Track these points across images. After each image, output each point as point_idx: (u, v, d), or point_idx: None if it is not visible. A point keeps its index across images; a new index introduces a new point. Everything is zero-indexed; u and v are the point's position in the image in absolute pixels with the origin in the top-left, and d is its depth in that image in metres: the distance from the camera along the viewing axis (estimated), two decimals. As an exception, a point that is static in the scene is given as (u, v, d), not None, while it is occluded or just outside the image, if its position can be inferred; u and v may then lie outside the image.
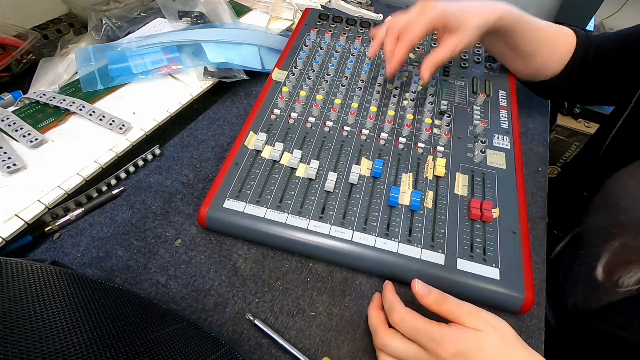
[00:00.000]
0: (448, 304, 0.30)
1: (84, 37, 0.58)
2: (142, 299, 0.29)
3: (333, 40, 0.58)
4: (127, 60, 0.52)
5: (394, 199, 0.39)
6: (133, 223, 0.40)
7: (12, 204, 0.37)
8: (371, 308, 0.34)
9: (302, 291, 0.37)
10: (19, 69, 0.52)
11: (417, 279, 0.32)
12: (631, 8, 1.80)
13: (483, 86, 0.53)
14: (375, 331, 0.32)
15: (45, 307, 0.23)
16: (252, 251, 0.39)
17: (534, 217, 0.45)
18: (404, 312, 0.31)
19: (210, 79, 0.53)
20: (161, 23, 0.60)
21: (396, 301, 0.32)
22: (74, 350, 0.20)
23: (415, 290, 0.31)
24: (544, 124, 0.57)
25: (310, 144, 0.44)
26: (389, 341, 0.30)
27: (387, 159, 0.44)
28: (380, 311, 0.33)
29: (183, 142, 0.49)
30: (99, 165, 0.42)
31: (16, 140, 0.42)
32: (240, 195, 0.39)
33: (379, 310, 0.33)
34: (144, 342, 0.24)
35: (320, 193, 0.40)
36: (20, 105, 0.47)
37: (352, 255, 0.37)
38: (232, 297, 0.36)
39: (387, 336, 0.31)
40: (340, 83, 0.51)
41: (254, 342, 0.34)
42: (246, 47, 0.57)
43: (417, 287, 0.31)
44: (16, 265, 0.26)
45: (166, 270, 0.37)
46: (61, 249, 0.38)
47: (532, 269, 0.37)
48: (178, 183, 0.44)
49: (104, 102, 0.49)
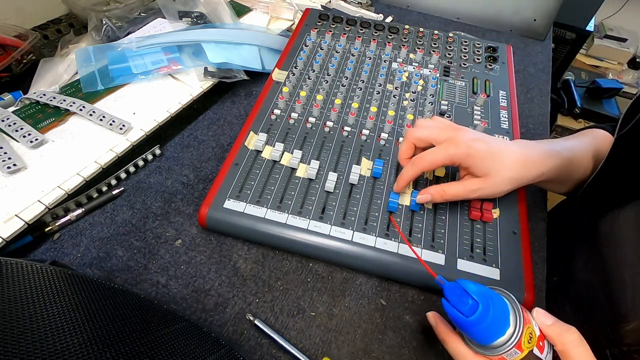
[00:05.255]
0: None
1: (84, 37, 0.58)
2: (142, 299, 0.29)
3: (333, 40, 0.58)
4: (127, 60, 0.52)
5: (393, 204, 0.39)
6: (133, 223, 0.40)
7: (12, 204, 0.37)
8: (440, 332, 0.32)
9: (302, 291, 0.37)
10: (19, 69, 0.52)
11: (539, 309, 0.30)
12: (631, 8, 1.80)
13: (483, 86, 0.53)
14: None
15: (45, 307, 0.23)
16: (252, 251, 0.39)
17: (534, 217, 0.45)
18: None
19: (210, 79, 0.53)
20: (161, 23, 0.60)
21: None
22: (74, 350, 0.20)
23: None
24: (544, 124, 0.57)
25: (310, 144, 0.44)
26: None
27: (387, 159, 0.44)
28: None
29: (183, 142, 0.49)
30: (99, 165, 0.42)
31: (16, 140, 0.42)
32: (240, 195, 0.39)
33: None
34: (144, 342, 0.24)
35: (320, 193, 0.40)
36: (20, 105, 0.47)
37: (352, 255, 0.37)
38: (232, 297, 0.36)
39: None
40: (340, 83, 0.51)
41: (254, 342, 0.34)
42: (246, 47, 0.57)
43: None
44: (16, 265, 0.26)
45: (166, 270, 0.37)
46: (61, 249, 0.38)
47: (532, 269, 0.37)
48: (178, 183, 0.44)
49: (104, 102, 0.49)
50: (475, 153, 0.36)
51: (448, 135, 0.37)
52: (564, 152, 0.40)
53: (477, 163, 0.36)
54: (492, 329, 0.27)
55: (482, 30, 0.76)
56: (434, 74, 0.54)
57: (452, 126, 0.38)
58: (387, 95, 0.51)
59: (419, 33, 0.60)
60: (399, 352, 0.34)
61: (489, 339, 0.27)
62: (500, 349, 0.27)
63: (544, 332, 0.29)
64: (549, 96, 0.62)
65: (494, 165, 0.36)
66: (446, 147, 0.36)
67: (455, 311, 0.28)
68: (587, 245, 0.45)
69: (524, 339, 0.27)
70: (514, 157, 0.37)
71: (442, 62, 0.56)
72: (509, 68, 0.56)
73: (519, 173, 0.37)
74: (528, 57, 0.71)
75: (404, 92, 0.51)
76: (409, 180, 0.38)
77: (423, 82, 0.52)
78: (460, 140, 0.36)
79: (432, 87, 0.51)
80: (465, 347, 0.30)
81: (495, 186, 0.36)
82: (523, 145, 0.39)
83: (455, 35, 0.61)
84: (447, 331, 0.31)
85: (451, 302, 0.28)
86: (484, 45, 0.59)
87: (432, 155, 0.37)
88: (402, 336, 0.35)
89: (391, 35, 0.60)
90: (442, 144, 0.37)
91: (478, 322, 0.27)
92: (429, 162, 0.37)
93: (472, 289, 0.28)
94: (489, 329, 0.27)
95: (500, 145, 0.37)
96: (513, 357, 0.27)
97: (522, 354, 0.27)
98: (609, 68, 1.82)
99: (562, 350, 0.28)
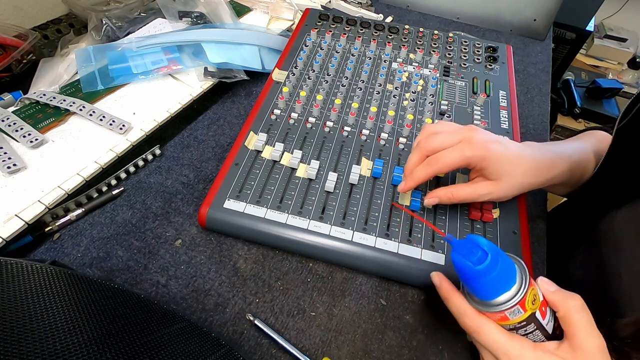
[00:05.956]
0: None
1: (84, 37, 0.58)
2: (142, 299, 0.29)
3: (333, 40, 0.58)
4: (127, 60, 0.52)
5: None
6: (133, 223, 0.40)
7: (12, 204, 0.37)
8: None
9: (302, 291, 0.37)
10: (19, 69, 0.52)
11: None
12: (631, 8, 1.80)
13: (483, 86, 0.53)
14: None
15: (45, 307, 0.23)
16: (252, 251, 0.39)
17: (534, 217, 0.45)
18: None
19: (210, 79, 0.53)
20: (161, 23, 0.60)
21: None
22: (74, 350, 0.20)
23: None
24: (544, 124, 0.58)
25: (310, 144, 0.44)
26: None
27: (387, 159, 0.44)
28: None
29: (183, 142, 0.49)
30: (99, 165, 0.42)
31: (16, 140, 0.42)
32: (240, 195, 0.39)
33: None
34: (143, 342, 0.24)
35: (320, 193, 0.40)
36: (20, 105, 0.47)
37: (352, 255, 0.37)
38: (232, 297, 0.36)
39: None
40: (340, 83, 0.51)
41: (254, 342, 0.34)
42: (246, 47, 0.57)
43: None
44: (16, 265, 0.26)
45: (166, 270, 0.37)
46: (61, 249, 0.38)
47: (532, 268, 0.37)
48: (178, 183, 0.44)
49: (104, 102, 0.49)
50: (492, 156, 0.34)
51: (462, 136, 0.35)
52: (573, 155, 0.40)
53: (492, 166, 0.35)
54: (499, 283, 0.27)
55: (482, 30, 0.76)
56: (434, 74, 0.54)
57: (464, 127, 0.37)
58: (387, 95, 0.51)
59: (419, 33, 0.60)
60: (399, 352, 0.34)
61: (494, 293, 0.27)
62: (504, 306, 0.27)
63: (547, 298, 0.29)
64: (549, 96, 0.63)
65: (510, 169, 0.35)
66: (462, 148, 0.35)
67: (464, 260, 0.27)
68: (585, 245, 0.45)
69: (528, 298, 0.27)
70: (529, 163, 0.36)
71: (442, 62, 0.56)
72: (509, 68, 0.56)
73: (532, 179, 0.36)
74: (528, 57, 0.71)
75: (404, 92, 0.51)
76: (421, 181, 0.36)
77: (423, 82, 0.52)
78: (477, 142, 0.35)
79: (432, 87, 0.51)
80: (468, 305, 0.29)
81: (507, 191, 0.36)
82: (534, 149, 0.38)
83: (455, 35, 0.61)
84: (451, 289, 0.31)
85: (461, 254, 0.28)
86: (484, 45, 0.59)
87: (447, 156, 0.35)
88: (402, 336, 0.35)
89: (391, 35, 0.60)
90: (457, 145, 0.35)
91: (486, 272, 0.26)
92: (444, 163, 0.35)
93: (483, 242, 0.27)
94: (496, 282, 0.27)
95: (515, 149, 0.36)
96: (515, 317, 0.27)
97: (525, 314, 0.27)
98: (609, 68, 1.83)
99: (564, 315, 0.28)
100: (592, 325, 0.28)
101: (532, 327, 0.28)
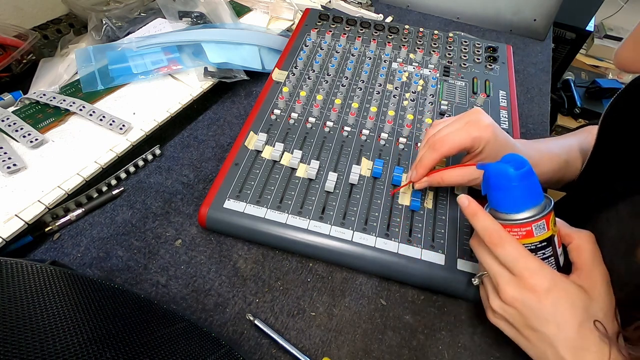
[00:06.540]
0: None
1: (84, 37, 0.58)
2: (142, 299, 0.29)
3: (333, 40, 0.58)
4: (127, 60, 0.52)
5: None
6: (133, 223, 0.40)
7: (12, 204, 0.37)
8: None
9: (302, 291, 0.37)
10: (19, 69, 0.52)
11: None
12: (631, 8, 1.80)
13: (483, 86, 0.53)
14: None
15: (45, 307, 0.23)
16: (252, 251, 0.39)
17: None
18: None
19: (210, 79, 0.53)
20: (161, 23, 0.60)
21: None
22: (74, 350, 0.20)
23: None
24: (543, 124, 0.58)
25: (310, 144, 0.44)
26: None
27: (387, 159, 0.44)
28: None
29: (183, 142, 0.49)
30: (99, 165, 0.42)
31: (16, 140, 0.42)
32: (240, 195, 0.39)
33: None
34: (143, 342, 0.24)
35: (320, 193, 0.40)
36: (20, 105, 0.47)
37: (352, 255, 0.37)
38: (232, 297, 0.36)
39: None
40: (340, 83, 0.51)
41: (254, 342, 0.34)
42: (246, 47, 0.57)
43: None
44: (16, 265, 0.26)
45: (166, 270, 0.37)
46: (61, 249, 0.38)
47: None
48: (178, 183, 0.44)
49: (104, 102, 0.49)
50: (494, 140, 0.35)
51: (468, 118, 0.35)
52: (562, 154, 0.41)
53: (490, 149, 0.35)
54: (531, 194, 0.28)
55: (482, 30, 0.76)
56: (434, 74, 0.54)
57: (470, 110, 0.37)
58: (387, 95, 0.51)
59: (419, 33, 0.60)
60: (399, 352, 0.34)
61: (525, 204, 0.28)
62: (533, 218, 0.28)
63: (563, 231, 0.30)
64: (548, 96, 0.63)
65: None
66: (468, 128, 0.35)
67: (504, 165, 0.28)
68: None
69: (552, 217, 0.28)
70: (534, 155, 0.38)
71: (442, 62, 0.56)
72: (509, 68, 0.56)
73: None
74: (528, 57, 0.71)
75: (404, 92, 0.51)
76: (430, 166, 0.36)
77: (423, 82, 0.52)
78: (484, 123, 0.35)
79: (432, 87, 0.51)
80: (494, 220, 0.29)
81: None
82: (524, 145, 0.39)
83: (455, 35, 0.61)
84: (478, 207, 0.30)
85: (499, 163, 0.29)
86: (484, 45, 0.59)
87: (453, 137, 0.35)
88: (402, 336, 0.35)
89: (391, 35, 0.60)
90: (463, 126, 0.35)
91: (524, 177, 0.27)
92: (451, 144, 0.35)
93: (519, 157, 0.29)
94: (528, 192, 0.28)
95: (512, 141, 0.37)
96: (539, 233, 0.28)
97: (547, 233, 0.28)
98: (609, 68, 1.82)
99: (577, 246, 0.29)
100: (600, 257, 0.29)
101: (550, 251, 0.29)
